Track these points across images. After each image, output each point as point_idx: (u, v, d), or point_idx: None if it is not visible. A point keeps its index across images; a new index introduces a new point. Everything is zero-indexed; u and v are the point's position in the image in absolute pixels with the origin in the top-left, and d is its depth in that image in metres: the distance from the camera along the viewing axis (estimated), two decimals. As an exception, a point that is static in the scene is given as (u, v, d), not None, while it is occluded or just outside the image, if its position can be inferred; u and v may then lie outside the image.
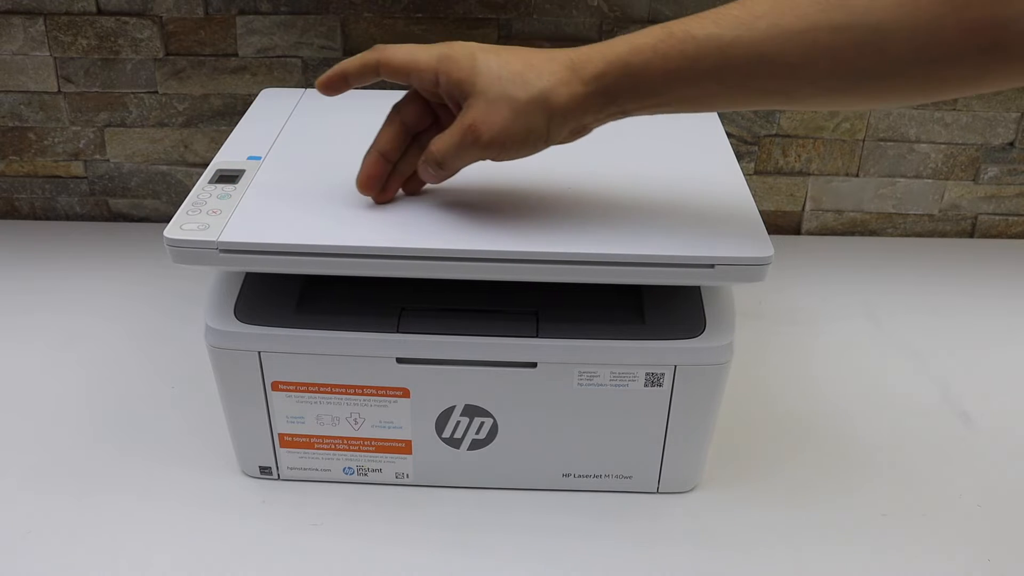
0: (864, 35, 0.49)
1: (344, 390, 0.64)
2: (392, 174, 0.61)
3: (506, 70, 0.54)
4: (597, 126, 0.57)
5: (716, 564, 0.63)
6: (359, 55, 0.59)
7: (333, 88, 0.60)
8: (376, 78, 0.59)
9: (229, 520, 0.66)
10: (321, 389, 0.64)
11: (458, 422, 0.65)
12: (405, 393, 0.64)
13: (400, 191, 0.63)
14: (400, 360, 0.63)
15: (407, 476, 0.69)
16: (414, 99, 0.60)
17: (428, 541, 0.65)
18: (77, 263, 0.97)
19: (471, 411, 0.65)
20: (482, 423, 0.65)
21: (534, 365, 0.63)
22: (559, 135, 0.56)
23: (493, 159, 0.57)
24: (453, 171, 0.59)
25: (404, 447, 0.67)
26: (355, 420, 0.66)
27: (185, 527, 0.65)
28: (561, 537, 0.65)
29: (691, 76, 0.52)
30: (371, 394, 0.64)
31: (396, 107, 0.61)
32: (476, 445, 0.67)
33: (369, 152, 0.61)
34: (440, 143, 0.57)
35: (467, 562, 0.63)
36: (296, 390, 0.64)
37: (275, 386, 0.64)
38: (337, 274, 0.58)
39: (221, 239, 0.58)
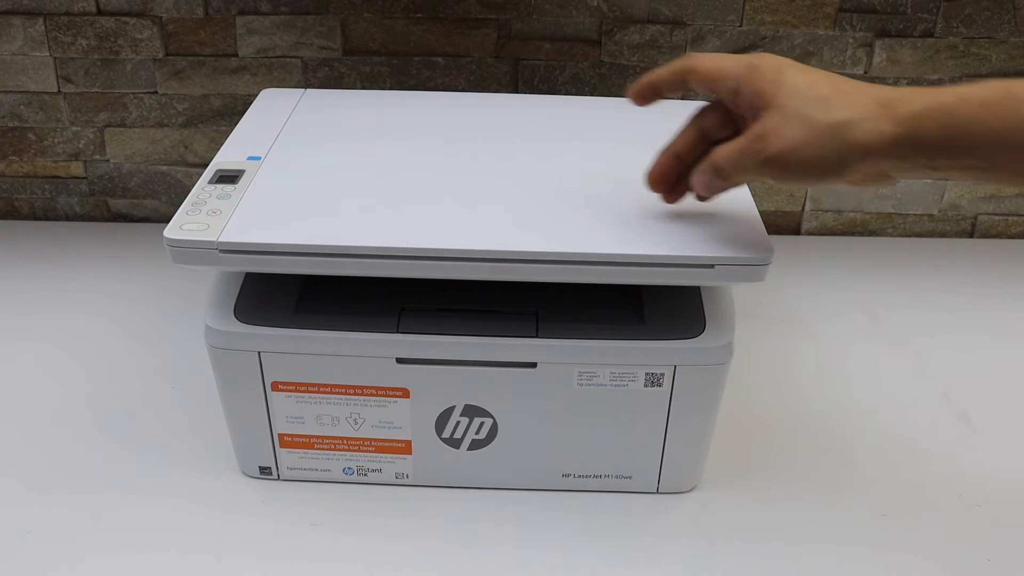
0: None
1: (344, 390, 0.64)
2: (683, 176, 0.60)
3: (812, 91, 0.51)
4: (900, 177, 0.52)
5: (716, 564, 0.63)
6: (668, 64, 0.57)
7: (644, 98, 0.58)
8: (685, 88, 0.57)
9: (229, 520, 0.66)
10: (321, 389, 0.64)
11: (458, 422, 0.65)
12: (405, 393, 0.64)
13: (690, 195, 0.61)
14: (400, 360, 0.63)
15: (407, 476, 0.69)
16: (717, 106, 0.58)
17: (428, 541, 0.65)
18: (77, 263, 0.97)
19: (471, 411, 0.65)
20: (482, 423, 0.65)
21: (534, 365, 0.63)
22: (853, 174, 0.51)
23: (774, 179, 0.53)
24: (730, 181, 0.56)
25: (404, 447, 0.67)
26: (355, 420, 0.66)
27: (185, 527, 0.65)
28: (561, 537, 0.65)
29: None
30: (371, 394, 0.64)
31: (699, 111, 0.59)
32: (476, 445, 0.67)
33: (664, 151, 0.60)
34: (723, 148, 0.54)
35: (467, 562, 0.63)
36: (296, 390, 0.64)
37: (275, 386, 0.64)
38: (337, 274, 0.58)
39: (221, 239, 0.58)
